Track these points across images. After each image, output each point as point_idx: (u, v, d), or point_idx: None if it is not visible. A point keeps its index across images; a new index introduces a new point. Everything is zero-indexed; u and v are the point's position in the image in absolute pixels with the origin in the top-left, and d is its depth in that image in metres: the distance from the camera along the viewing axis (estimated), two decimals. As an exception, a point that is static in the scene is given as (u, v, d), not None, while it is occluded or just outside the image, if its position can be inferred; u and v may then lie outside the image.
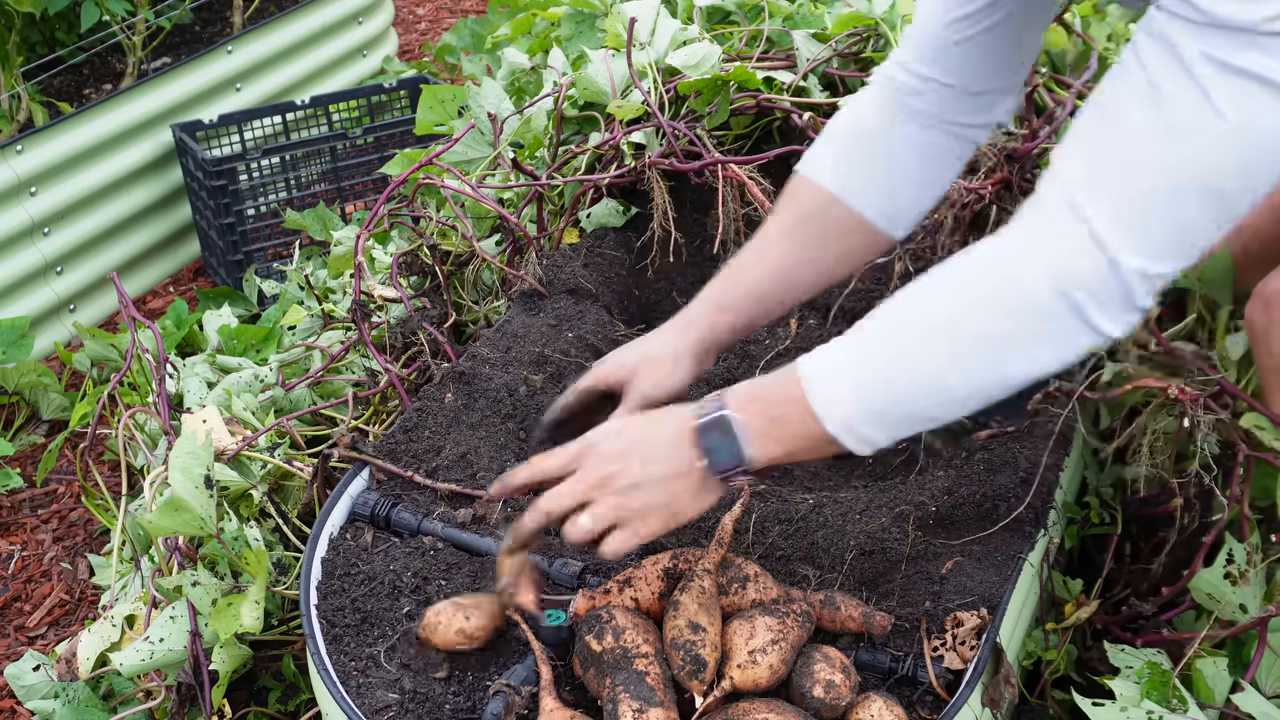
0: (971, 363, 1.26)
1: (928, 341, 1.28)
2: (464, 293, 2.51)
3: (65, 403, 3.11)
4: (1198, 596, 1.74)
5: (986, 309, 1.24)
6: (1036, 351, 1.24)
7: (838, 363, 1.33)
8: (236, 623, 1.79)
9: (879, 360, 1.30)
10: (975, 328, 1.25)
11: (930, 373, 1.28)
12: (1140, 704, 1.59)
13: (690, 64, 2.51)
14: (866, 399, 1.31)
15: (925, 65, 1.58)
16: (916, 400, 1.30)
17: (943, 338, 1.26)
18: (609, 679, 1.45)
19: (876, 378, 1.30)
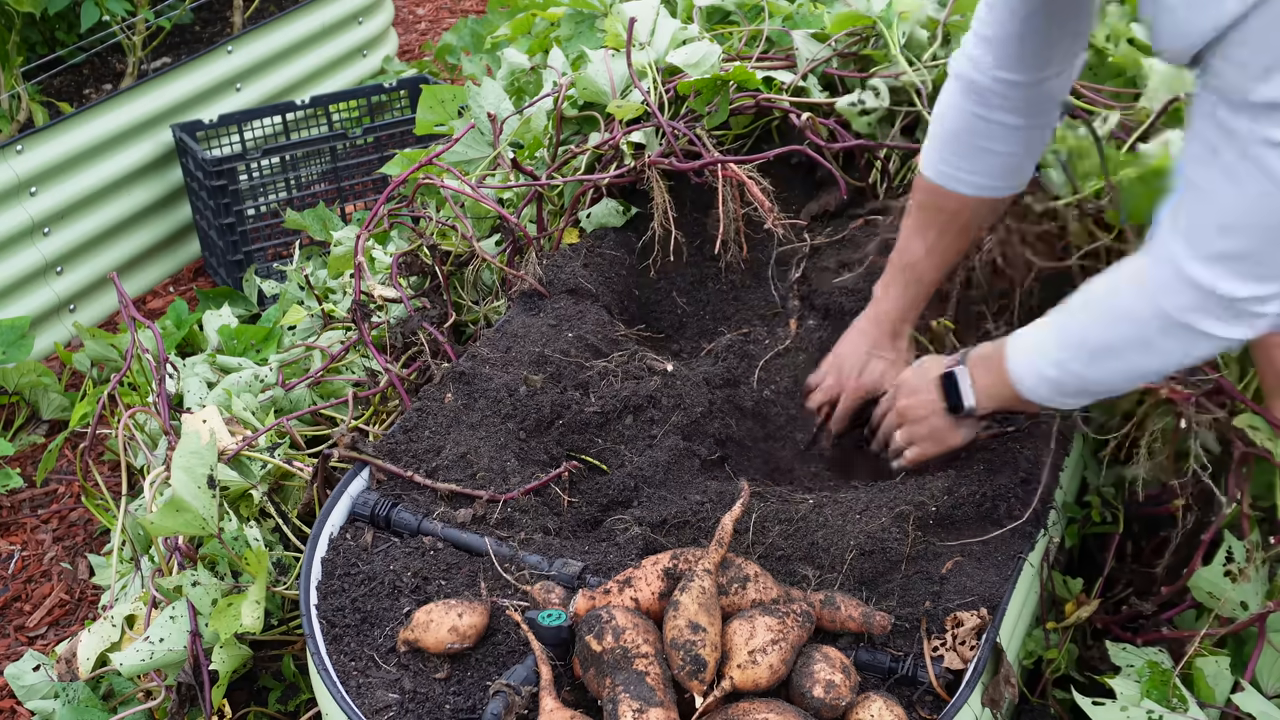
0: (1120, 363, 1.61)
1: (1092, 356, 1.63)
2: (464, 293, 2.51)
3: (65, 403, 3.11)
4: (1198, 595, 1.74)
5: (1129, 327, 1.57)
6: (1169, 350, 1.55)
7: (1031, 344, 1.72)
8: (236, 623, 1.79)
9: (1057, 353, 1.67)
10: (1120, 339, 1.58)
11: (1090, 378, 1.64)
12: (1140, 703, 1.59)
13: (690, 63, 2.50)
14: (1048, 378, 1.69)
15: (1004, 69, 1.79)
16: (1081, 384, 1.67)
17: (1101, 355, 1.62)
18: (609, 679, 1.45)
19: (1055, 363, 1.67)
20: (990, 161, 1.89)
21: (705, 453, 2.01)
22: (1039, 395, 1.70)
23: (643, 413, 2.03)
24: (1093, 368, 1.62)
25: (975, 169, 1.90)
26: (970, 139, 1.88)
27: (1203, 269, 1.42)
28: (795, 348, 2.24)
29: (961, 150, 1.90)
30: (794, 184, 2.53)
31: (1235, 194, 1.35)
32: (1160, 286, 1.49)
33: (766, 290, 2.38)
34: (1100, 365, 1.62)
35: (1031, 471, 1.82)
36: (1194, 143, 1.40)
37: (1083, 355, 1.63)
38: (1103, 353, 1.61)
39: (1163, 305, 1.48)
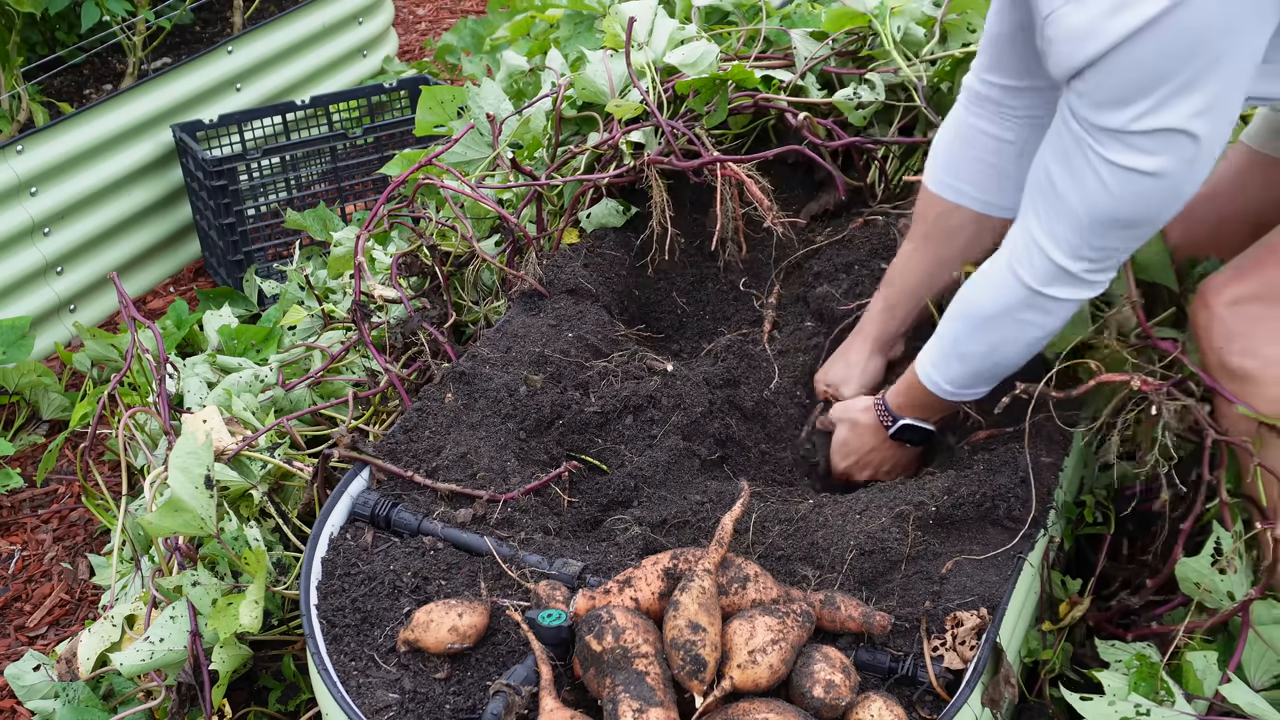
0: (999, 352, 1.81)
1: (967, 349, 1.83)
2: (464, 293, 2.51)
3: (65, 403, 3.11)
4: (1184, 586, 1.74)
5: (1005, 318, 1.76)
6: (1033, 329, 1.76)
7: (935, 366, 1.88)
8: (235, 622, 1.79)
9: (955, 362, 1.85)
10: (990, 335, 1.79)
11: (976, 362, 1.83)
12: (1128, 697, 1.59)
13: (688, 63, 2.51)
14: (952, 379, 1.87)
15: (989, 71, 1.87)
16: (979, 375, 1.85)
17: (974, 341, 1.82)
18: (609, 679, 1.45)
19: (959, 372, 1.86)
20: (987, 175, 1.93)
21: (705, 453, 2.02)
22: (953, 394, 1.87)
23: (643, 413, 2.03)
24: (987, 359, 1.81)
25: (973, 181, 1.95)
26: (967, 150, 1.93)
27: (1060, 254, 1.65)
28: (792, 347, 2.24)
29: (959, 160, 1.95)
30: (793, 184, 2.54)
31: (1079, 193, 1.58)
32: (1022, 266, 1.69)
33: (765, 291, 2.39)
34: (993, 354, 1.80)
35: (1031, 471, 1.82)
36: (1054, 141, 1.61)
37: (974, 353, 1.81)
38: (992, 342, 1.79)
39: (1026, 281, 1.69)
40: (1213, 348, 1.78)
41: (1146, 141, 1.49)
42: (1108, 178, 1.54)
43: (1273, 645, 1.71)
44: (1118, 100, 1.48)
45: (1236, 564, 1.71)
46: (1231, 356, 1.76)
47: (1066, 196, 1.60)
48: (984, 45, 1.88)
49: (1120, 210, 1.58)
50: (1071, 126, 1.56)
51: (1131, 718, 1.56)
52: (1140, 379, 1.77)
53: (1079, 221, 1.61)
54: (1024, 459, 1.83)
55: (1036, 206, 1.66)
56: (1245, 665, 1.69)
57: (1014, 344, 1.79)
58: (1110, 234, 1.62)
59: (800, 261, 2.39)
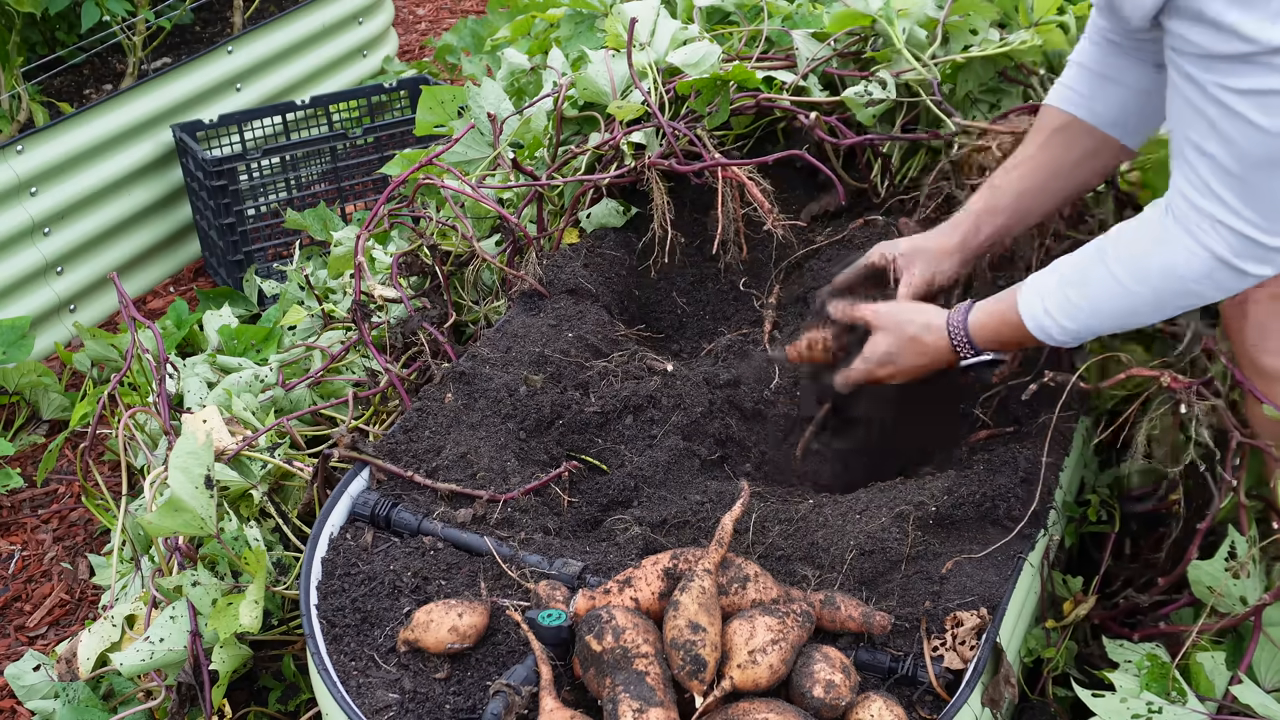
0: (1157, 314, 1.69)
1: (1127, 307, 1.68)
2: (464, 293, 2.51)
3: (65, 403, 3.11)
4: (1197, 590, 1.74)
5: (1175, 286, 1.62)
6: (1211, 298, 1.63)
7: (1053, 306, 1.72)
8: (235, 622, 1.79)
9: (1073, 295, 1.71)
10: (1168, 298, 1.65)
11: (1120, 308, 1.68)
12: (1140, 695, 1.59)
13: (690, 63, 2.50)
14: (1064, 321, 1.72)
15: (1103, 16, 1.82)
16: (1102, 326, 1.72)
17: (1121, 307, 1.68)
18: (609, 679, 1.45)
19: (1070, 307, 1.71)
20: (1111, 93, 1.87)
21: (705, 453, 2.01)
22: (1051, 336, 1.74)
23: (643, 413, 2.03)
24: (1118, 315, 1.69)
25: (1095, 95, 1.88)
26: (1094, 66, 1.87)
27: (1242, 222, 1.51)
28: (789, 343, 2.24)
29: (1084, 76, 1.89)
30: (795, 184, 2.54)
31: (1225, 145, 1.46)
32: (1202, 232, 1.54)
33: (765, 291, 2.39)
34: (1135, 315, 1.69)
35: (1031, 471, 1.82)
36: (1177, 107, 1.51)
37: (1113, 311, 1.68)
38: (1141, 306, 1.66)
39: (1213, 249, 1.54)
40: (1245, 346, 1.74)
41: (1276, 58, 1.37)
42: (1249, 111, 1.42)
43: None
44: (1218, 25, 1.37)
45: (1250, 568, 1.70)
46: (1264, 355, 1.72)
47: (1216, 154, 1.48)
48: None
49: (1272, 144, 1.44)
50: (1186, 72, 1.45)
51: (1143, 715, 1.55)
52: (1170, 376, 1.75)
53: (1238, 178, 1.48)
54: (1024, 459, 1.83)
55: (1193, 180, 1.54)
56: (1255, 666, 1.69)
57: (1164, 309, 1.67)
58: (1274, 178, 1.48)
59: (800, 262, 2.38)
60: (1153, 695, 1.59)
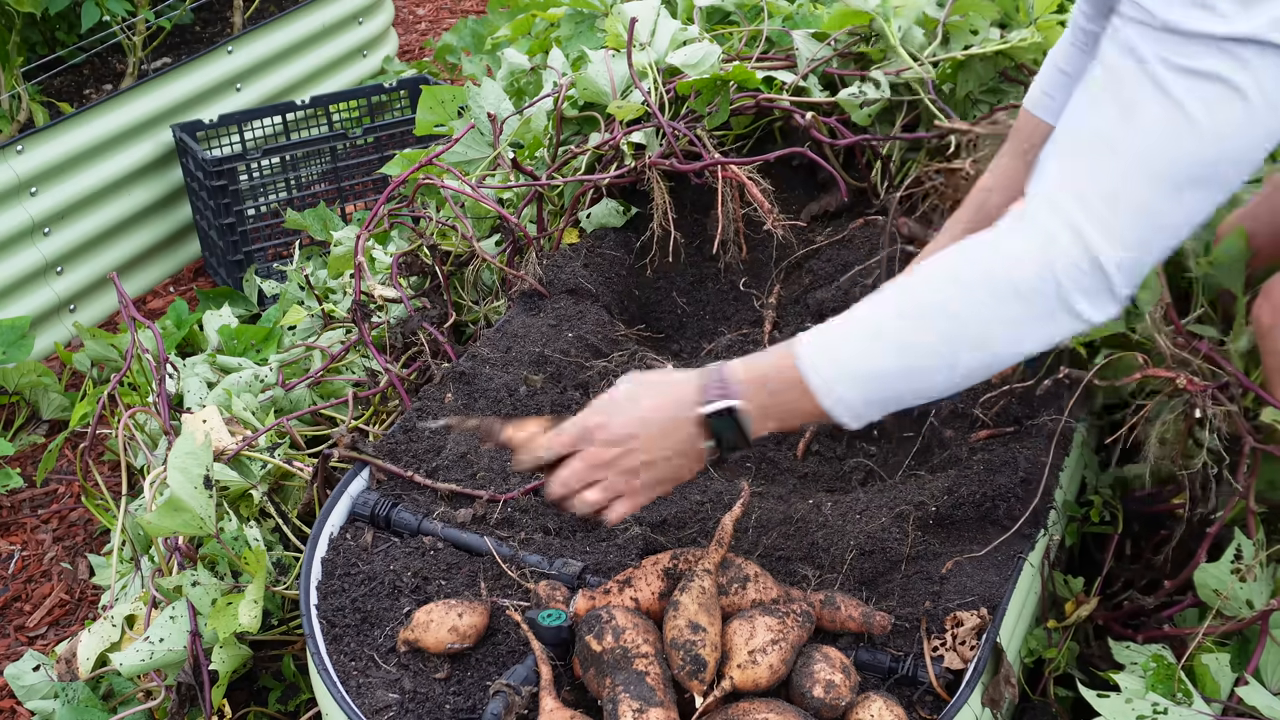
0: (960, 343, 1.33)
1: (918, 324, 1.35)
2: (464, 293, 2.51)
3: (65, 403, 3.11)
4: (1202, 593, 1.73)
5: (975, 293, 1.32)
6: (1022, 333, 1.32)
7: (833, 343, 1.40)
8: (235, 622, 1.79)
9: (872, 342, 1.37)
10: (963, 310, 1.32)
11: (919, 354, 1.35)
12: (1145, 696, 1.59)
13: (690, 63, 2.50)
14: (860, 379, 1.37)
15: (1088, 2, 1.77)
16: (907, 380, 1.37)
17: (932, 320, 1.34)
18: (609, 679, 1.45)
19: (869, 359, 1.37)
20: None
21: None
22: (848, 408, 1.38)
23: (643, 413, 2.02)
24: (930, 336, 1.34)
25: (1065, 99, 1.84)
26: (1068, 69, 1.87)
27: (1100, 236, 1.25)
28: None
29: (1058, 79, 1.88)
30: (795, 184, 2.54)
31: (1136, 134, 1.23)
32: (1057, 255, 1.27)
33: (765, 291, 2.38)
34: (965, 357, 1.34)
35: (1031, 471, 1.82)
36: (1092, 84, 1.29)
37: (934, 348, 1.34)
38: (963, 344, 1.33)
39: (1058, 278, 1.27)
40: (1274, 350, 1.67)
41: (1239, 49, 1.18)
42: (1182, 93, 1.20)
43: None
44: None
45: (1257, 572, 1.70)
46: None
47: (1118, 144, 1.24)
48: None
49: (1193, 147, 1.21)
50: (1122, 37, 1.23)
51: (1148, 716, 1.55)
52: (1186, 377, 1.73)
53: (1133, 177, 1.23)
54: (1024, 459, 1.83)
55: (1069, 175, 1.28)
56: (1262, 669, 1.69)
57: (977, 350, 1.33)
58: (1175, 196, 1.24)
59: (800, 262, 2.38)
60: (1158, 696, 1.59)
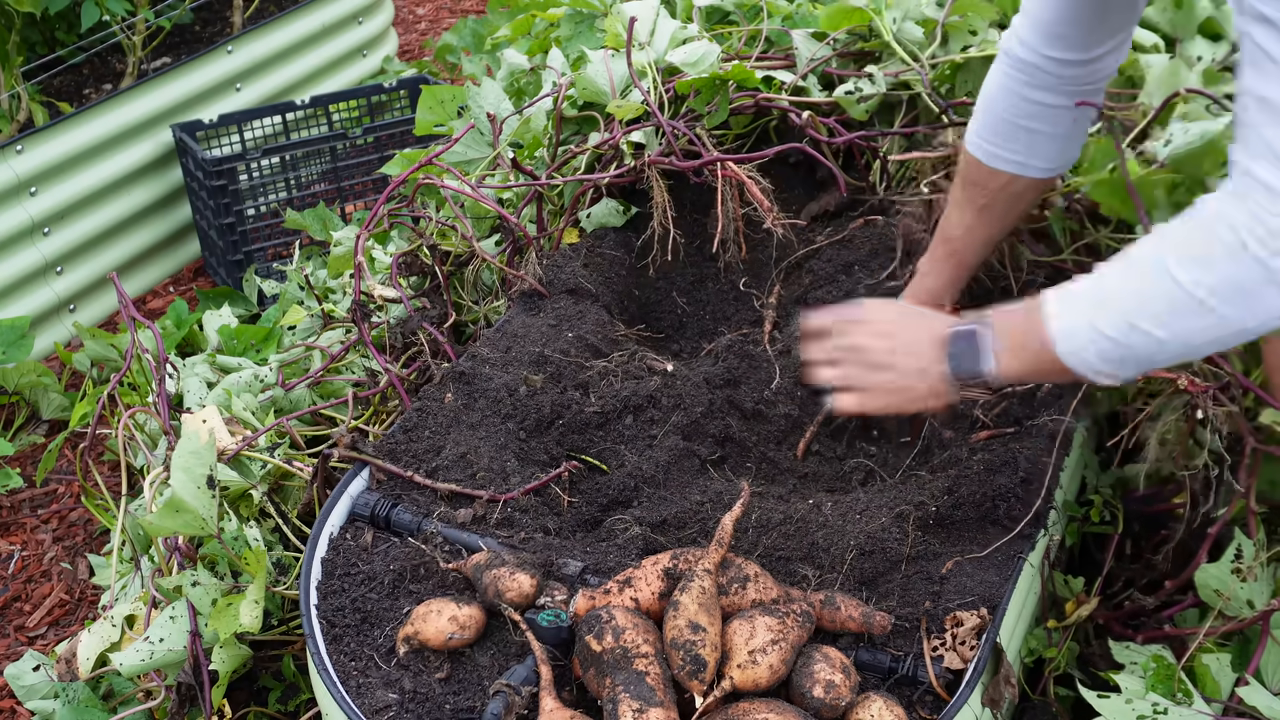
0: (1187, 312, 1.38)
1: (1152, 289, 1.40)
2: (464, 293, 2.51)
3: (65, 403, 3.11)
4: (1203, 593, 1.74)
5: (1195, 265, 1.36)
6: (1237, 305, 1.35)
7: (1076, 299, 1.49)
8: (235, 622, 1.79)
9: (1112, 303, 1.44)
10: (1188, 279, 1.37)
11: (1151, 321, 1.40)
12: (1145, 696, 1.59)
13: (689, 62, 2.51)
14: (1098, 338, 1.45)
15: (1049, 47, 1.77)
16: (1143, 344, 1.42)
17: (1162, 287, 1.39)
18: (609, 679, 1.45)
19: (1107, 320, 1.44)
20: (1033, 142, 1.86)
21: (705, 453, 2.01)
22: (1083, 360, 1.47)
23: (643, 413, 2.03)
24: (1168, 335, 1.40)
25: (1018, 149, 1.87)
26: (1013, 118, 1.85)
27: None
28: (795, 348, 2.23)
29: (1005, 129, 1.87)
30: (794, 184, 2.53)
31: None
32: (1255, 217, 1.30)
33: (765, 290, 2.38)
34: (1186, 337, 1.39)
35: (1031, 471, 1.82)
36: (1247, 69, 1.31)
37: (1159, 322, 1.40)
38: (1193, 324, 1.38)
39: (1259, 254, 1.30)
40: (1276, 350, 1.68)
41: None
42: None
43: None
44: None
45: (1258, 572, 1.70)
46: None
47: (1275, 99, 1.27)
48: (1042, 16, 1.75)
49: None
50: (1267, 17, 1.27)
51: (1148, 715, 1.55)
52: (1187, 378, 1.73)
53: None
54: (1024, 459, 1.83)
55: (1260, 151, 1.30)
56: (1262, 669, 1.70)
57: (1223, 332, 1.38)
58: None
59: (801, 261, 2.38)
60: (1158, 696, 1.59)
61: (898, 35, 2.48)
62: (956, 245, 1.97)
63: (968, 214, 1.95)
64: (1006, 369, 1.55)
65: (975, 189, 1.93)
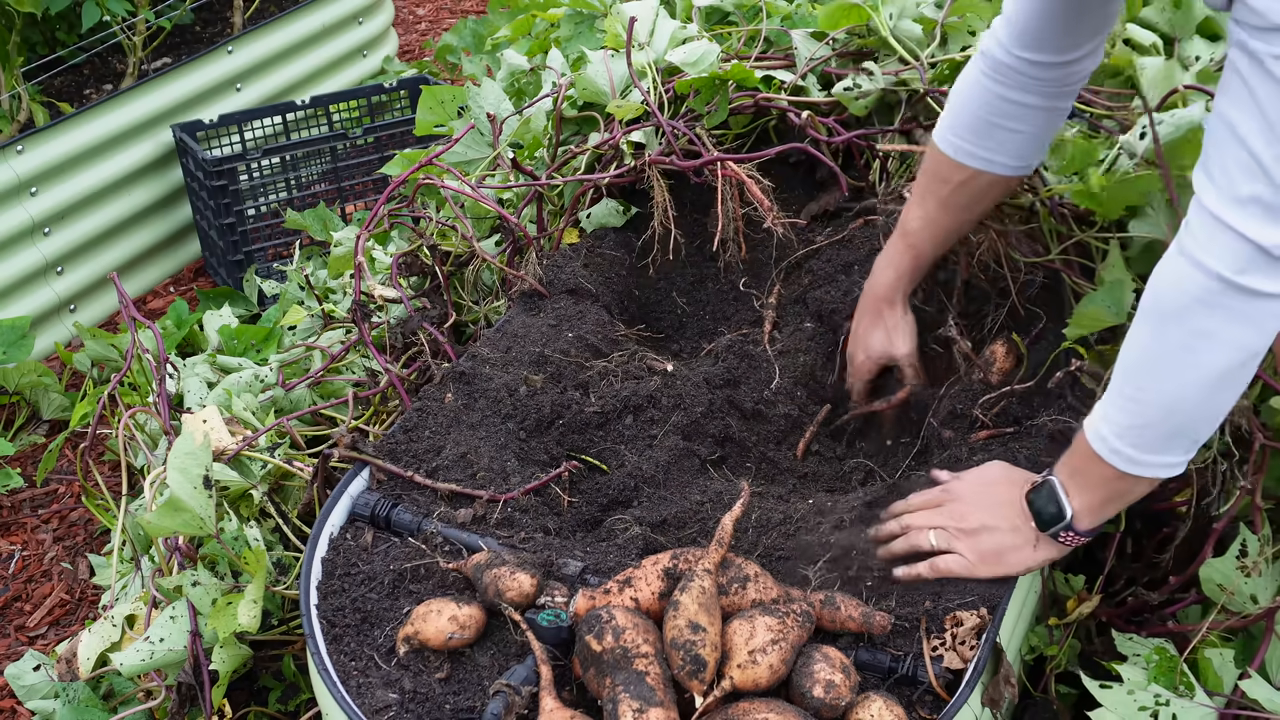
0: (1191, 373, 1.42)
1: (1152, 369, 1.44)
2: (464, 293, 2.51)
3: (65, 403, 3.11)
4: (1207, 588, 1.74)
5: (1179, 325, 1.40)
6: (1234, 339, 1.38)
7: (1104, 409, 1.53)
8: (234, 622, 1.79)
9: (1126, 401, 1.49)
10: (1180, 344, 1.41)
11: (1163, 400, 1.45)
12: (1148, 688, 1.59)
13: (689, 62, 2.51)
14: (1123, 426, 1.50)
15: (1024, 49, 1.77)
16: (1160, 419, 1.47)
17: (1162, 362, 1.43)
18: (609, 679, 1.45)
19: (1122, 405, 1.49)
20: (1005, 139, 1.87)
21: (705, 453, 2.01)
22: (1127, 457, 1.50)
23: (643, 413, 2.03)
24: (1159, 390, 1.43)
25: (989, 145, 1.88)
26: (988, 115, 1.86)
27: (1238, 212, 1.31)
28: (792, 348, 2.24)
29: (977, 126, 1.88)
30: (794, 184, 2.53)
31: (1262, 122, 1.28)
32: (1199, 247, 1.35)
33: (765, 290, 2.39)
34: (1166, 382, 1.43)
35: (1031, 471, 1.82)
36: (1224, 89, 1.34)
37: (1143, 377, 1.45)
38: (1163, 365, 1.42)
39: (1209, 267, 1.34)
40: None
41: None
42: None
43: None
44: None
45: (1262, 567, 1.71)
46: None
47: (1247, 136, 1.29)
48: (1018, 19, 1.76)
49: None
50: (1243, 44, 1.28)
51: (1150, 707, 1.56)
52: None
53: (1266, 161, 1.28)
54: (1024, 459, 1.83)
55: (1213, 171, 1.34)
56: (1266, 664, 1.70)
57: (1195, 369, 1.40)
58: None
59: (800, 261, 2.38)
60: (1160, 688, 1.59)
61: (895, 32, 2.48)
62: (914, 239, 2.00)
63: (929, 207, 1.97)
64: (1081, 505, 1.58)
65: (939, 183, 1.94)
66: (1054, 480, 1.61)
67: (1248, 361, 1.40)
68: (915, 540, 1.66)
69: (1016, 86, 1.82)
